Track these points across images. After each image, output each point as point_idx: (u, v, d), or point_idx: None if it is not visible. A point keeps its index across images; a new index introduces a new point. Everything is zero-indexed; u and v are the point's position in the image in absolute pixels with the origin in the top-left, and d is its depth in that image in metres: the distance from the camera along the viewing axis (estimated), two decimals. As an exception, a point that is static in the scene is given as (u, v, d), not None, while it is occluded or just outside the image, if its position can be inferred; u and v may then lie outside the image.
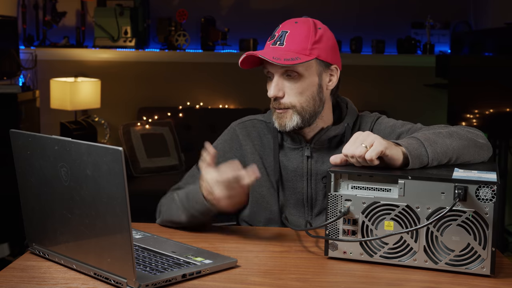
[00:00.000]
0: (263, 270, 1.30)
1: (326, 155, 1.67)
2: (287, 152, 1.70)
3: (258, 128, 1.75)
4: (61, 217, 1.25)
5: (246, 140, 1.74)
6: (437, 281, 1.25)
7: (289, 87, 1.60)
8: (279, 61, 1.53)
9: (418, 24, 4.91)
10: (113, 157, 1.10)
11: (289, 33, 1.61)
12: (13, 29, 4.24)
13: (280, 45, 1.60)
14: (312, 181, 1.68)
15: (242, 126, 1.77)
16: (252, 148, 1.73)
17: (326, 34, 1.64)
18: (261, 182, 1.69)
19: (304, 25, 1.62)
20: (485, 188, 1.24)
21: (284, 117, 1.62)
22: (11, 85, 4.08)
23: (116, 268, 1.17)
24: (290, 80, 1.60)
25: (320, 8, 4.91)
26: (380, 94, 4.90)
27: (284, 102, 1.61)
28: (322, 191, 1.67)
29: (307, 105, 1.62)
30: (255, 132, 1.75)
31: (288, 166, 1.69)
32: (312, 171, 1.67)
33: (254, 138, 1.74)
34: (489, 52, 3.92)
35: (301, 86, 1.60)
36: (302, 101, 1.61)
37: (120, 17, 4.76)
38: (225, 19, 5.00)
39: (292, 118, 1.61)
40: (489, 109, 3.90)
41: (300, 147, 1.69)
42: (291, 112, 1.61)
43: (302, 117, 1.61)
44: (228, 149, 1.75)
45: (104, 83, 4.75)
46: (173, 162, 4.53)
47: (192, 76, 4.97)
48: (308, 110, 1.62)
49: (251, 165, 1.51)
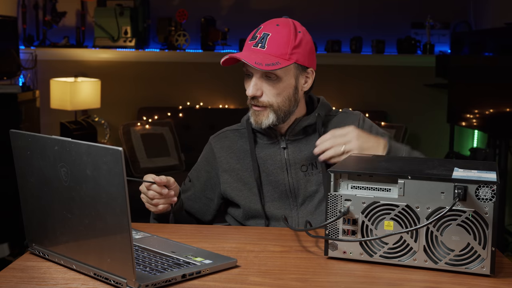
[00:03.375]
0: (263, 270, 1.30)
1: (301, 144, 1.78)
2: (264, 148, 1.80)
3: (230, 137, 1.86)
4: (61, 217, 1.25)
5: (220, 151, 1.84)
6: (437, 281, 1.25)
7: (267, 88, 1.70)
8: (261, 67, 1.62)
9: (418, 24, 4.91)
10: (113, 157, 1.10)
11: (270, 36, 1.68)
12: (13, 29, 4.24)
13: (261, 47, 1.67)
14: (291, 171, 1.76)
15: (216, 139, 1.88)
16: (226, 157, 1.83)
17: (305, 38, 1.72)
18: (241, 186, 1.79)
19: (285, 28, 1.69)
20: (485, 187, 1.24)
21: (261, 114, 1.72)
22: (11, 85, 4.08)
23: (116, 268, 1.17)
24: (268, 81, 1.69)
25: (320, 8, 4.91)
26: (380, 94, 4.90)
27: (262, 100, 1.71)
28: (302, 179, 1.76)
29: (283, 105, 1.72)
30: (228, 142, 1.85)
31: (267, 161, 1.78)
32: (290, 161, 1.77)
33: (228, 147, 1.84)
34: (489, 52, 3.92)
35: (279, 87, 1.70)
36: (278, 101, 1.71)
37: (120, 17, 4.76)
38: (225, 19, 5.00)
39: (268, 116, 1.71)
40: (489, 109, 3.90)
41: (276, 140, 1.79)
42: (268, 110, 1.71)
43: (277, 115, 1.72)
44: (205, 164, 1.87)
45: (104, 83, 4.75)
46: (173, 162, 4.53)
47: (192, 76, 4.97)
48: (283, 109, 1.72)
49: (227, 173, 1.78)
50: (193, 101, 4.96)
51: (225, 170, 1.81)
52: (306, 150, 1.77)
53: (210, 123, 4.75)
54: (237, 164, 1.80)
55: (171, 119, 4.74)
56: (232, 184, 1.80)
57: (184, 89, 4.98)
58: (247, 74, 1.72)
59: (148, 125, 4.58)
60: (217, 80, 4.96)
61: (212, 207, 1.86)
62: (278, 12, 4.94)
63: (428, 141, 4.93)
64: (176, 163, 4.54)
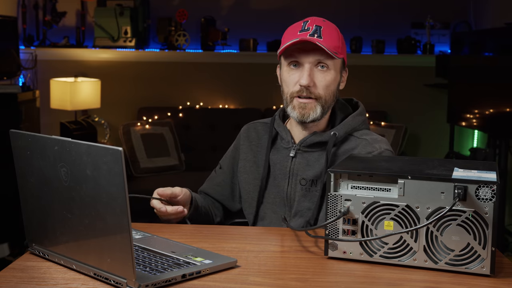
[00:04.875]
0: (263, 270, 1.30)
1: (310, 157, 1.73)
2: (278, 151, 1.78)
3: (258, 130, 1.85)
4: (61, 217, 1.25)
5: (245, 140, 1.85)
6: (437, 281, 1.25)
7: (318, 79, 1.66)
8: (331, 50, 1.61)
9: (418, 24, 4.91)
10: (113, 157, 1.10)
11: (323, 28, 1.66)
12: (13, 29, 4.24)
13: (318, 37, 1.64)
14: (292, 181, 1.73)
15: (246, 128, 1.89)
16: (247, 148, 1.83)
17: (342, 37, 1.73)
18: (249, 180, 1.80)
19: (331, 25, 1.70)
20: (485, 187, 1.24)
21: (308, 107, 1.67)
22: (11, 85, 4.08)
23: (116, 268, 1.17)
24: (320, 72, 1.66)
25: (320, 8, 4.91)
26: (380, 94, 4.90)
27: (314, 91, 1.66)
28: (299, 192, 1.72)
29: (329, 99, 1.69)
30: (254, 133, 1.85)
31: (277, 164, 1.77)
32: (294, 171, 1.73)
33: (253, 139, 1.84)
34: (489, 52, 3.92)
35: (329, 79, 1.67)
36: (327, 93, 1.68)
37: (120, 17, 4.76)
38: (225, 19, 5.00)
39: (315, 110, 1.67)
40: (489, 109, 3.90)
41: (289, 147, 1.76)
42: (316, 103, 1.67)
43: (323, 109, 1.68)
44: (233, 150, 1.90)
45: (104, 83, 4.75)
46: (173, 162, 4.53)
47: (192, 76, 4.97)
48: (328, 103, 1.69)
49: (243, 162, 1.79)
50: (193, 101, 4.96)
51: (242, 159, 1.84)
52: (312, 165, 1.72)
53: (210, 123, 4.75)
54: (254, 158, 1.81)
55: (171, 119, 4.74)
56: (243, 174, 1.82)
57: (184, 89, 4.98)
58: (292, 64, 1.68)
59: (148, 125, 4.58)
60: (217, 80, 4.96)
61: (238, 194, 1.87)
62: (278, 12, 4.95)
63: (428, 141, 4.93)
64: (176, 163, 4.54)
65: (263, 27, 4.91)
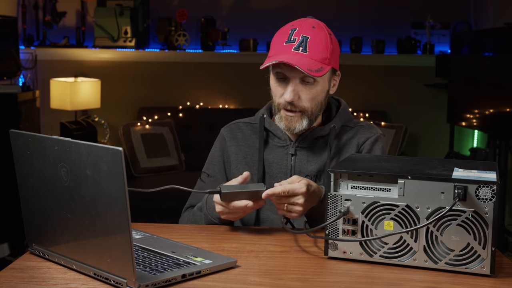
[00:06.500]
0: (263, 270, 1.30)
1: (310, 153, 1.74)
2: (272, 149, 1.77)
3: (243, 130, 1.83)
4: (61, 217, 1.25)
5: (231, 141, 1.82)
6: (437, 281, 1.25)
7: (303, 93, 1.66)
8: (312, 73, 1.58)
9: (418, 24, 4.91)
10: (113, 157, 1.10)
11: (310, 39, 1.63)
12: (13, 29, 4.24)
13: (303, 51, 1.62)
14: None
15: (228, 129, 1.85)
16: (236, 149, 1.80)
17: (334, 40, 1.70)
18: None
19: (322, 32, 1.66)
20: (485, 187, 1.24)
21: (294, 120, 1.67)
22: (11, 85, 4.08)
23: (116, 268, 1.17)
24: (305, 86, 1.65)
25: (320, 8, 4.91)
26: (380, 94, 4.90)
27: (298, 105, 1.66)
28: None
29: (316, 109, 1.69)
30: (240, 134, 1.83)
31: (273, 163, 1.75)
32: (296, 168, 1.73)
33: (239, 139, 1.82)
34: (489, 52, 3.92)
35: (315, 92, 1.67)
36: (313, 105, 1.68)
37: (120, 17, 4.76)
38: (225, 19, 5.00)
39: (301, 122, 1.68)
40: (489, 109, 3.90)
41: (286, 145, 1.75)
42: (302, 115, 1.67)
43: (310, 120, 1.69)
44: (219, 154, 1.83)
45: (104, 83, 4.75)
46: (173, 162, 4.53)
47: (192, 76, 4.97)
48: (315, 114, 1.70)
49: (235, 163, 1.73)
50: (193, 101, 4.96)
51: (234, 160, 1.79)
52: (313, 160, 1.73)
53: (210, 123, 4.74)
54: (244, 159, 1.78)
55: (171, 119, 4.74)
56: (236, 175, 1.73)
57: (184, 89, 4.98)
58: (280, 77, 1.66)
59: (148, 125, 4.58)
60: (217, 80, 4.96)
61: None
62: (278, 12, 4.95)
63: (428, 141, 4.93)
64: (176, 163, 4.54)
65: (263, 27, 4.91)
